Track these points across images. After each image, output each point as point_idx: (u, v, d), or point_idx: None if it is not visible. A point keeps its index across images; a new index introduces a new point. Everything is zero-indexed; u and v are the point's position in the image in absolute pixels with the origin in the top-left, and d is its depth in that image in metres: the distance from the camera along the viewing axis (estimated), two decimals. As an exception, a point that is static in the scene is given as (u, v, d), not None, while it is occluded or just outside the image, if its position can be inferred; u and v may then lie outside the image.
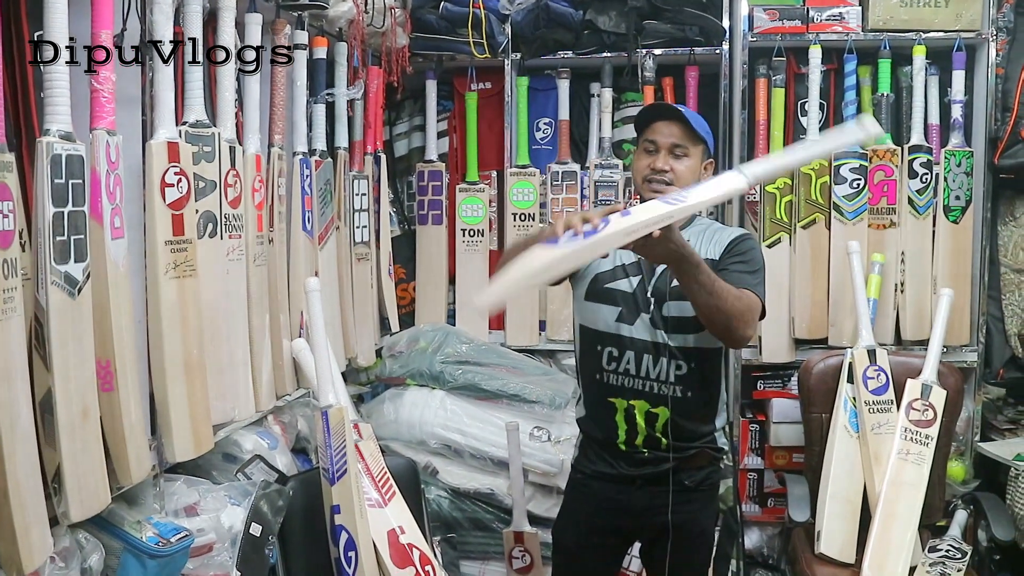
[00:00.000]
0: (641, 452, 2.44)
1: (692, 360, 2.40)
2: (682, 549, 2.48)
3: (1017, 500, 3.17)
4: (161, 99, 2.10)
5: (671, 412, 2.40)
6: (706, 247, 2.42)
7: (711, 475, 2.53)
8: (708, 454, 2.50)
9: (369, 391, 3.71)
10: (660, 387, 2.40)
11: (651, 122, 2.47)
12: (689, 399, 2.41)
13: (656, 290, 2.40)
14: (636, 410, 2.43)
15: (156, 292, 2.06)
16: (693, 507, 2.48)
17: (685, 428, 2.42)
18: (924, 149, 3.51)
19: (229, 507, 2.27)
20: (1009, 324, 3.52)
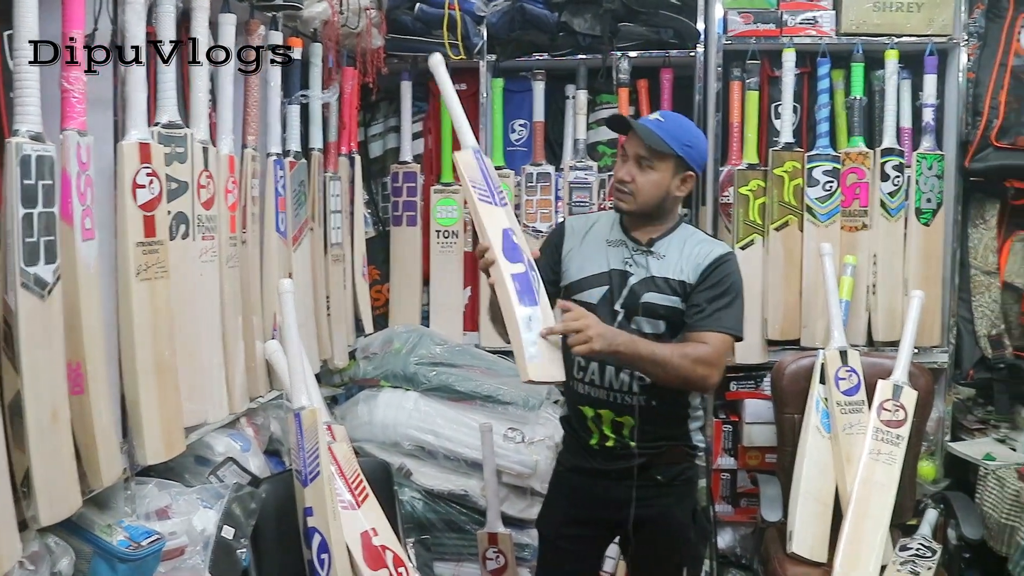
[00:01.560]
0: (612, 450, 2.49)
1: None
2: (657, 543, 2.53)
3: (986, 499, 3.20)
4: (133, 100, 2.08)
5: (637, 420, 2.44)
6: (682, 265, 2.43)
7: (685, 470, 2.56)
8: (682, 450, 2.53)
9: (343, 392, 3.70)
10: (624, 397, 2.44)
11: (629, 128, 2.47)
12: (655, 407, 2.44)
13: (626, 302, 2.43)
14: (603, 419, 2.49)
15: (127, 294, 2.05)
16: (668, 501, 2.52)
17: (654, 433, 2.46)
18: (896, 152, 3.54)
19: (201, 510, 2.26)
20: (979, 325, 3.56)
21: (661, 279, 2.42)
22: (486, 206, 2.24)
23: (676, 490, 2.54)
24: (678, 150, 2.40)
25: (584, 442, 2.54)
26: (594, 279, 2.45)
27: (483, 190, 2.26)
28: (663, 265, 2.44)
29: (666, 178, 2.42)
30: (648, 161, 2.40)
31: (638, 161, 2.41)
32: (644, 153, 2.40)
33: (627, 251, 2.48)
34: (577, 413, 2.54)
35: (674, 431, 2.51)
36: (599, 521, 2.57)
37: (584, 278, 2.47)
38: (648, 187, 2.41)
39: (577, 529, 2.59)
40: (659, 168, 2.41)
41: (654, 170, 2.41)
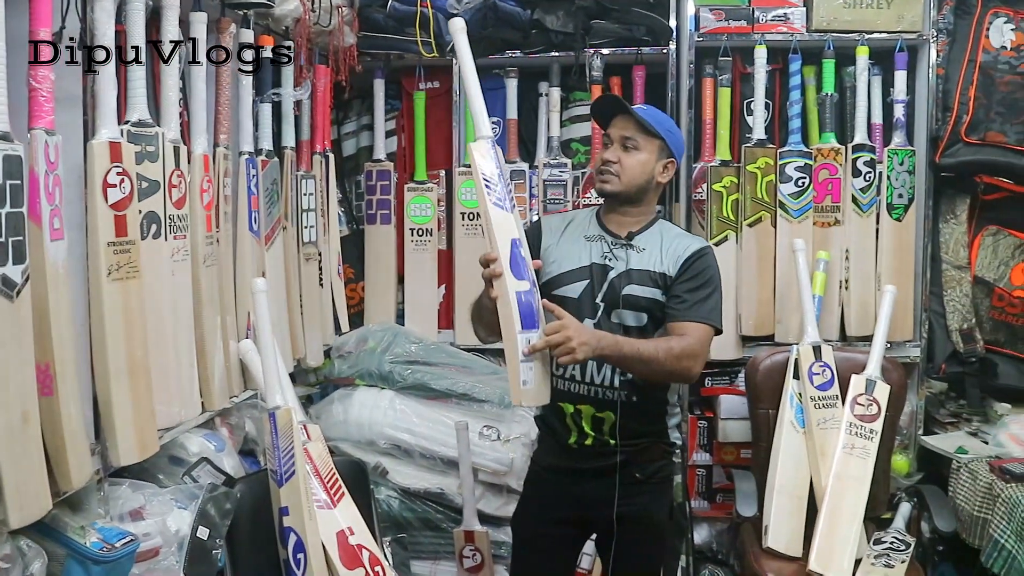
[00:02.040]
0: (590, 448, 2.49)
1: None
2: (634, 540, 2.54)
3: (959, 492, 3.22)
4: (102, 98, 2.06)
5: (618, 416, 2.45)
6: (662, 257, 2.46)
7: (663, 468, 2.57)
8: (660, 448, 2.55)
9: (318, 392, 3.69)
10: (605, 392, 2.46)
11: (612, 116, 2.51)
12: (635, 403, 2.46)
13: (607, 296, 2.44)
14: (583, 415, 2.49)
15: (98, 294, 2.03)
16: (644, 499, 2.53)
17: (633, 429, 2.47)
18: (867, 148, 3.57)
19: (175, 510, 2.24)
20: (950, 320, 3.58)
21: (641, 272, 2.44)
22: (498, 211, 2.17)
23: (653, 488, 2.55)
24: (663, 134, 2.46)
25: (562, 441, 2.54)
26: (574, 274, 2.46)
27: (497, 192, 2.18)
28: (643, 258, 2.46)
29: (651, 160, 2.47)
30: (634, 142, 2.45)
31: (623, 143, 2.46)
32: (630, 134, 2.45)
33: (606, 245, 2.50)
34: (556, 410, 2.52)
35: (653, 427, 2.53)
36: (576, 520, 2.58)
37: (564, 273, 2.48)
38: (634, 168, 2.46)
39: (553, 528, 2.60)
40: (645, 149, 2.46)
41: (640, 151, 2.46)
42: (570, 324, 2.17)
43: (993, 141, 3.44)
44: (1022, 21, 3.43)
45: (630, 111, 2.47)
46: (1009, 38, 3.43)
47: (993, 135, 3.44)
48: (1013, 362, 3.58)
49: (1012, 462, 3.10)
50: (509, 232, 2.16)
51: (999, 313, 3.58)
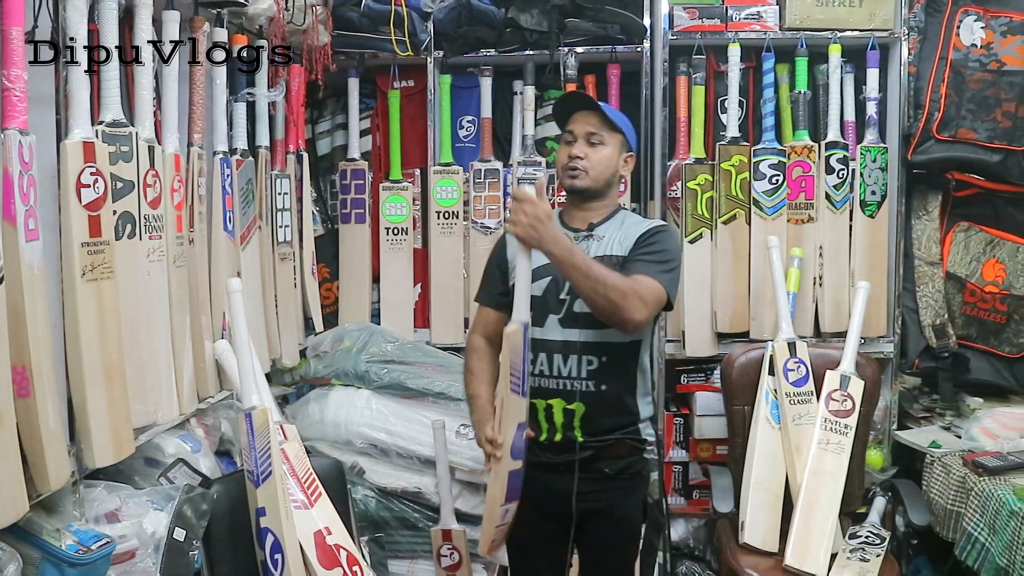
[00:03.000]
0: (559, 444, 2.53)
1: (604, 354, 2.48)
2: (606, 536, 2.58)
3: (933, 486, 3.26)
4: (76, 98, 2.05)
5: (586, 406, 2.49)
6: (621, 241, 2.51)
7: (633, 464, 2.58)
8: (629, 444, 2.56)
9: (294, 392, 3.67)
10: (573, 383, 2.50)
11: (570, 114, 2.55)
12: (604, 392, 2.50)
13: (571, 290, 2.45)
14: (554, 408, 2.52)
15: (73, 295, 2.02)
16: (615, 494, 2.56)
17: (603, 421, 2.51)
18: (840, 145, 3.60)
19: (152, 512, 2.23)
20: (923, 315, 3.61)
21: (602, 258, 2.47)
22: (514, 397, 2.33)
23: (624, 483, 2.57)
24: (623, 128, 2.54)
25: (534, 437, 2.54)
26: (537, 272, 2.46)
27: (517, 378, 2.32)
28: (602, 245, 2.52)
29: (615, 154, 2.54)
30: (599, 137, 2.51)
31: (588, 139, 2.51)
32: (595, 129, 2.50)
33: None
34: (529, 408, 2.51)
35: (622, 421, 2.55)
36: (556, 514, 2.58)
37: None
38: (601, 162, 2.51)
39: (538, 522, 2.62)
40: (609, 143, 2.52)
41: (605, 145, 2.52)
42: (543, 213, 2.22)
43: (964, 138, 3.48)
44: (992, 19, 3.47)
45: (596, 106, 2.53)
46: (979, 36, 3.47)
47: (964, 132, 3.47)
48: (985, 357, 3.62)
49: (985, 456, 3.14)
50: (518, 417, 2.37)
51: (971, 308, 3.61)
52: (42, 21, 1.96)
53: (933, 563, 3.48)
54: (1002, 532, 2.87)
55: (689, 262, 3.56)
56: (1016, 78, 3.45)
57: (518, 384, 2.33)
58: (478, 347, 2.67)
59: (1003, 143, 3.46)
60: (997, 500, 2.92)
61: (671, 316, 3.64)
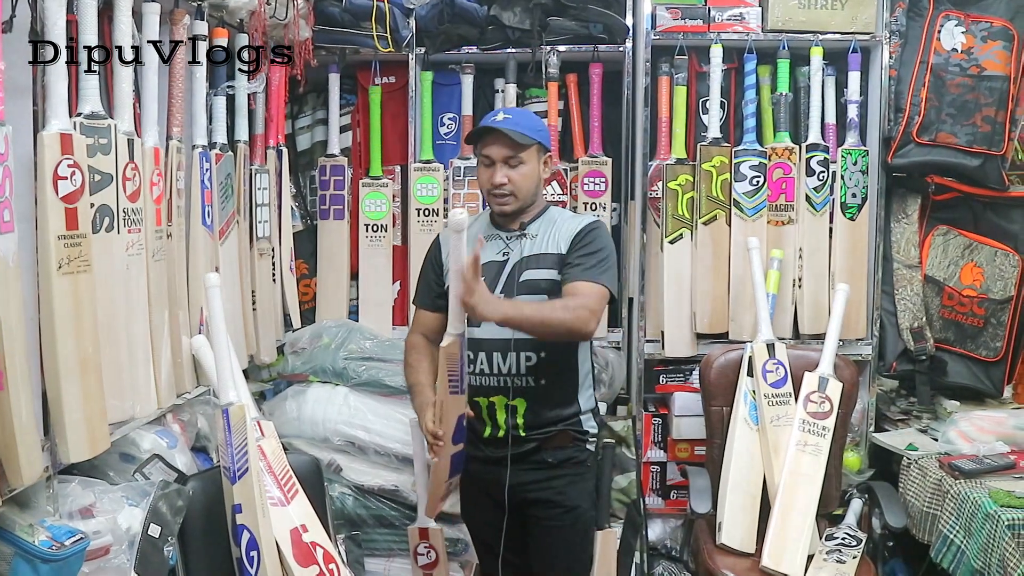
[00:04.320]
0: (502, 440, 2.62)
1: (542, 349, 2.56)
2: (554, 526, 2.65)
3: (909, 488, 3.27)
4: (53, 89, 2.02)
5: (528, 401, 2.59)
6: (556, 239, 2.60)
7: (576, 454, 2.67)
8: (570, 434, 2.65)
9: (271, 388, 3.65)
10: (513, 380, 2.58)
11: (483, 137, 2.60)
12: (544, 386, 2.59)
13: (505, 287, 2.56)
14: (496, 406, 2.61)
15: (48, 288, 1.99)
16: (560, 483, 2.66)
17: (544, 414, 2.61)
18: (821, 147, 3.61)
19: (126, 508, 2.22)
20: (902, 318, 3.63)
21: (537, 256, 2.58)
22: (453, 397, 2.49)
23: (567, 472, 2.65)
24: (537, 137, 2.59)
25: (479, 433, 2.66)
26: None
27: (456, 381, 2.47)
28: (536, 243, 2.61)
29: (535, 167, 2.61)
30: (516, 159, 2.56)
31: (506, 162, 2.56)
32: (511, 152, 2.56)
33: (502, 242, 2.65)
34: (474, 406, 2.62)
35: (563, 414, 2.64)
36: (503, 505, 2.66)
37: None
38: (525, 182, 2.59)
39: (491, 515, 2.70)
40: (528, 160, 2.58)
41: (524, 163, 2.58)
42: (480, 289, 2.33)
43: (944, 142, 3.50)
44: (972, 24, 3.49)
45: (509, 135, 2.54)
46: (960, 40, 3.49)
47: (944, 136, 3.49)
48: (962, 360, 3.64)
49: (961, 459, 3.16)
50: (457, 411, 2.53)
51: (949, 312, 3.63)
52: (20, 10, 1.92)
53: (908, 565, 3.50)
54: (977, 534, 2.88)
55: (669, 263, 3.56)
56: (996, 83, 3.47)
57: (457, 385, 2.48)
58: (417, 344, 2.77)
59: (982, 147, 3.48)
60: (973, 503, 2.93)
61: (650, 316, 3.65)
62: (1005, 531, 2.79)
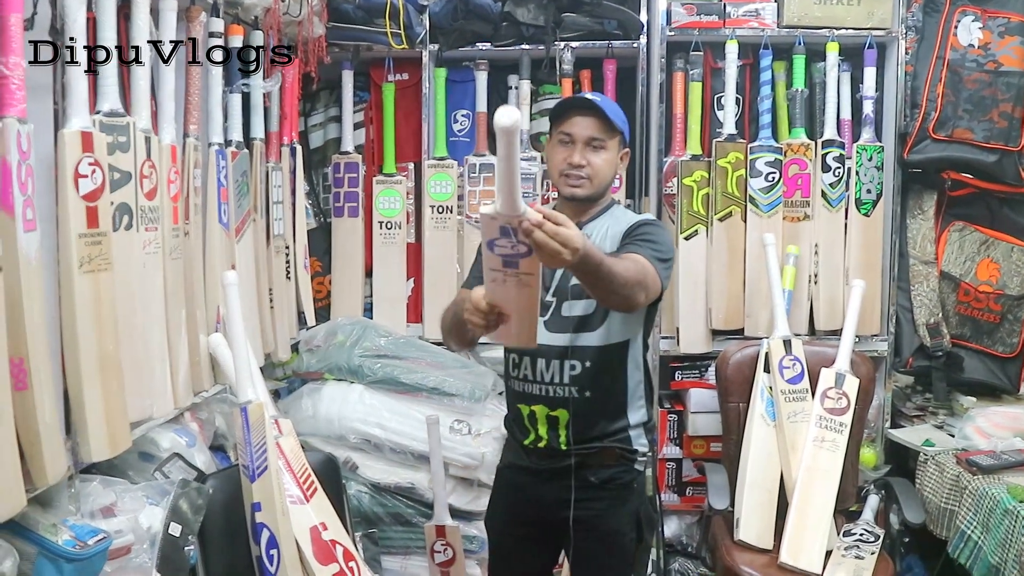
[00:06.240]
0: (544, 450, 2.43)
1: (587, 359, 2.36)
2: (591, 548, 2.45)
3: (926, 485, 3.27)
4: (74, 87, 2.02)
5: (570, 413, 2.38)
6: (608, 238, 2.38)
7: (621, 474, 2.45)
8: (616, 452, 2.43)
9: (285, 386, 3.65)
10: (556, 390, 2.38)
11: (567, 114, 2.39)
12: (588, 398, 2.37)
13: (558, 290, 2.37)
14: (537, 415, 2.42)
15: (70, 287, 1.99)
16: (600, 504, 2.42)
17: (588, 428, 2.39)
18: (837, 144, 3.59)
19: (147, 507, 2.21)
20: (917, 314, 3.62)
21: None
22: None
23: (611, 494, 2.44)
24: (621, 126, 2.39)
25: (520, 441, 2.49)
26: None
27: None
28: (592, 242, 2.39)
29: (615, 156, 2.39)
30: (600, 141, 2.34)
31: (589, 143, 2.34)
32: (597, 134, 2.33)
33: None
34: (515, 412, 2.48)
35: (609, 428, 2.42)
36: (537, 521, 2.50)
37: None
38: (604, 168, 2.36)
39: (521, 529, 2.54)
40: (609, 147, 2.36)
41: (606, 150, 2.36)
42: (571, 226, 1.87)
43: (960, 138, 3.48)
44: (989, 19, 3.47)
45: (599, 109, 2.35)
46: (977, 36, 3.47)
47: (961, 132, 3.48)
48: (979, 356, 3.63)
49: (978, 455, 3.15)
50: None
51: (965, 308, 3.62)
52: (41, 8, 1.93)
53: (924, 561, 3.49)
54: (995, 530, 2.88)
55: (684, 259, 3.55)
56: (1013, 79, 3.45)
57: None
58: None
59: (999, 143, 3.47)
60: (991, 499, 2.93)
61: (666, 313, 3.64)
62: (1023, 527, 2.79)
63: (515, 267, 1.84)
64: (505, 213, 1.74)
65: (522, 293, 1.89)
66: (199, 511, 2.32)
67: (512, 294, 1.90)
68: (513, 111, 1.59)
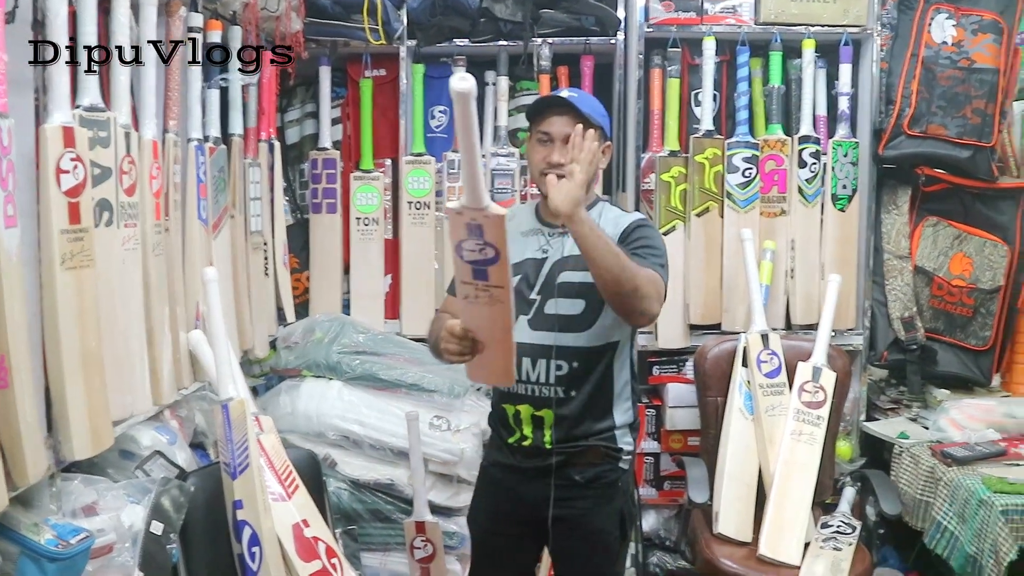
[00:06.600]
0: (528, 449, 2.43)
1: (575, 359, 2.36)
2: (574, 547, 2.46)
3: (901, 476, 3.30)
4: (55, 81, 2.00)
5: (555, 413, 2.37)
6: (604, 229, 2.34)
7: (606, 473, 2.45)
8: (602, 451, 2.44)
9: (263, 383, 3.63)
10: (541, 389, 2.38)
11: (544, 113, 2.37)
12: (574, 398, 2.38)
13: (544, 287, 2.36)
14: (522, 414, 2.42)
15: (52, 283, 1.97)
16: (584, 503, 2.43)
17: (573, 427, 2.39)
18: (813, 139, 3.63)
19: (129, 505, 2.18)
20: (892, 308, 3.66)
21: (577, 256, 2.28)
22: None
23: (595, 492, 2.44)
24: (601, 122, 2.37)
25: (504, 439, 2.49)
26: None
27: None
28: None
29: (595, 152, 2.31)
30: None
31: (567, 141, 2.27)
32: (574, 131, 2.26)
33: (543, 238, 2.42)
34: (500, 412, 2.48)
35: (595, 428, 2.43)
36: (521, 519, 2.50)
37: None
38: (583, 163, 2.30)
39: (505, 527, 2.54)
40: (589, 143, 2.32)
41: None
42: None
43: (934, 134, 3.53)
44: (963, 17, 3.51)
45: (574, 108, 2.33)
46: (950, 33, 3.51)
47: (935, 128, 3.52)
48: (952, 349, 3.68)
49: (953, 446, 3.18)
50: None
51: (938, 302, 3.66)
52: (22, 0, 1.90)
53: (899, 551, 3.53)
54: (971, 521, 2.91)
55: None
56: (986, 76, 3.50)
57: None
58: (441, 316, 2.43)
59: (972, 139, 3.51)
60: (967, 490, 2.96)
61: (644, 308, 3.65)
62: (999, 516, 2.82)
63: (485, 278, 1.87)
64: (470, 206, 1.77)
65: (495, 314, 1.94)
66: (181, 509, 2.29)
67: (485, 315, 1.96)
68: (468, 77, 1.63)
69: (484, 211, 1.80)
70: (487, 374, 2.20)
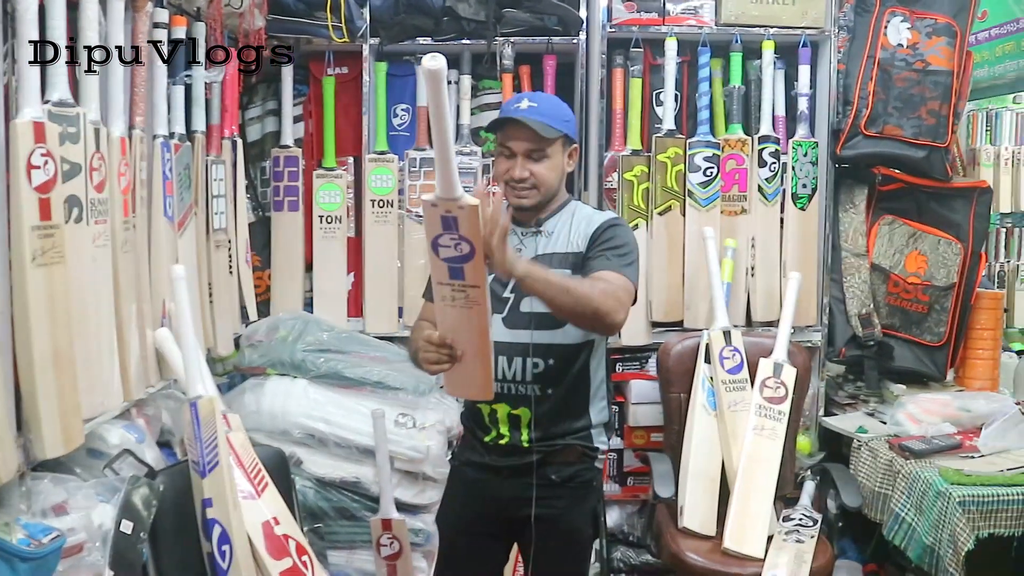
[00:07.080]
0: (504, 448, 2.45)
1: (551, 357, 2.38)
2: (552, 545, 2.46)
3: (860, 470, 3.37)
4: (25, 75, 1.98)
5: (533, 411, 2.39)
6: (571, 237, 2.40)
7: (582, 472, 2.48)
8: (578, 450, 2.47)
9: (226, 382, 3.60)
10: (518, 388, 2.39)
11: (503, 127, 2.38)
12: (550, 396, 2.40)
13: (516, 286, 2.33)
14: (499, 413, 2.44)
15: (22, 280, 1.95)
16: (561, 503, 2.45)
17: (550, 426, 2.41)
18: (772, 139, 3.68)
19: (99, 505, 2.17)
20: (850, 305, 3.72)
21: (550, 255, 2.37)
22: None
23: (571, 491, 2.47)
24: (563, 129, 2.37)
25: (480, 438, 2.50)
26: None
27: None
28: (551, 242, 2.41)
29: (559, 160, 2.39)
30: (540, 152, 2.34)
31: (529, 155, 2.34)
32: (534, 145, 2.33)
33: (516, 238, 2.41)
34: (475, 411, 2.49)
35: (571, 427, 2.45)
36: (494, 519, 2.52)
37: None
38: (548, 175, 2.36)
39: (476, 526, 2.55)
40: (552, 153, 2.36)
41: (548, 157, 2.35)
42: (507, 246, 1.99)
43: (890, 134, 3.60)
44: (917, 20, 3.59)
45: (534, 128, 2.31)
46: (905, 36, 3.59)
47: (891, 128, 3.59)
48: (908, 345, 3.75)
49: (910, 440, 3.26)
50: None
51: (895, 299, 3.73)
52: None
53: (857, 543, 3.60)
54: (928, 512, 2.98)
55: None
56: (940, 77, 3.58)
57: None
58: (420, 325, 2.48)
59: (927, 140, 3.59)
60: (924, 482, 3.03)
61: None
62: (956, 507, 2.89)
63: (461, 277, 1.88)
64: (444, 197, 1.79)
65: (472, 317, 1.95)
66: (151, 508, 2.28)
67: (463, 319, 1.97)
68: (439, 56, 1.68)
69: (458, 202, 1.81)
70: (465, 387, 2.22)
